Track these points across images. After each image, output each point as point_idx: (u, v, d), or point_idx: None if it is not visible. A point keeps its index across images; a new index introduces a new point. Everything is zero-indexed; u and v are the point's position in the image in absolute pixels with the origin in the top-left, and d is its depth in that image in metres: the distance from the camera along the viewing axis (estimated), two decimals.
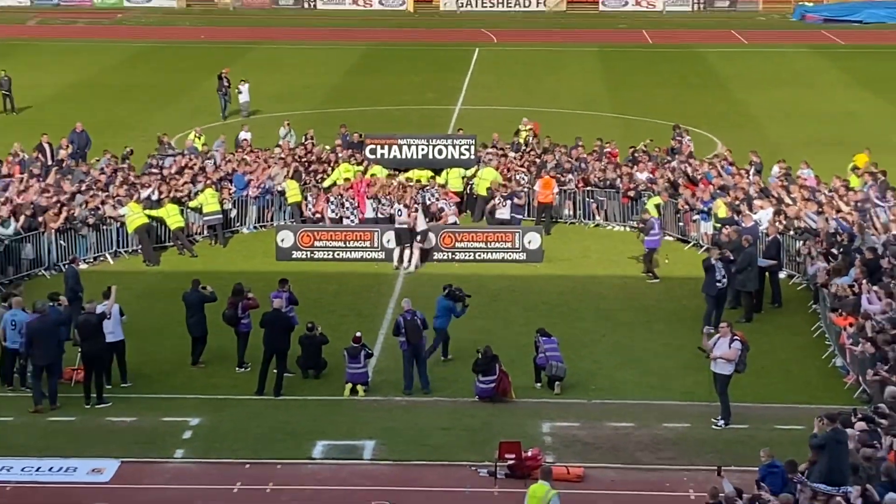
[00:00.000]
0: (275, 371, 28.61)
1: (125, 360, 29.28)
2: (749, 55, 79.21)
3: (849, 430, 22.04)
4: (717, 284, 32.00)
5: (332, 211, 40.27)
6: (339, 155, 44.27)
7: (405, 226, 37.55)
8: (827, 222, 35.29)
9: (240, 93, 57.69)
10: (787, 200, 38.02)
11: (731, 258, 32.62)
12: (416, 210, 37.89)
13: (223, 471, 24.98)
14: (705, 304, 31.88)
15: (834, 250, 33.17)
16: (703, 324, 29.74)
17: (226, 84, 57.61)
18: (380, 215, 39.49)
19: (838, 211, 36.21)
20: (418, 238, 37.39)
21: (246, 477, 24.63)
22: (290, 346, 28.83)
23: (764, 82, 68.89)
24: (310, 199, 41.13)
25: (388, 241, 38.13)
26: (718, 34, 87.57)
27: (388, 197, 39.51)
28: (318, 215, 40.46)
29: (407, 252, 37.57)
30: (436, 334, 30.41)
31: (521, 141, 48.29)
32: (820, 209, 36.65)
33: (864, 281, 30.12)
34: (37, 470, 24.94)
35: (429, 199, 39.89)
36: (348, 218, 39.97)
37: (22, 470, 24.91)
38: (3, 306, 29.23)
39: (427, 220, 38.26)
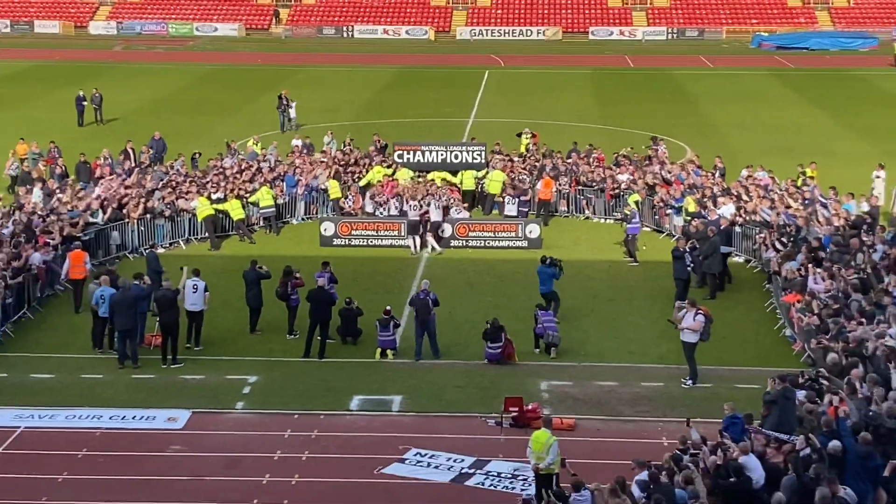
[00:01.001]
0: (318, 338, 28.70)
1: (202, 329, 29.50)
2: (714, 76, 79.09)
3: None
4: (687, 269, 32.16)
5: (370, 205, 40.37)
6: (373, 159, 44.34)
7: (416, 219, 37.91)
8: (778, 216, 35.32)
9: (292, 108, 57.61)
10: (746, 198, 38.02)
11: (697, 246, 32.69)
12: (430, 206, 38.17)
13: (276, 420, 25.07)
14: (676, 286, 31.86)
15: (784, 239, 33.23)
16: (674, 301, 29.78)
17: (284, 102, 57.59)
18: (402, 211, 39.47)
19: (788, 207, 36.22)
20: (428, 228, 37.73)
21: (295, 425, 24.76)
22: (331, 318, 28.93)
23: (726, 99, 68.81)
24: (350, 196, 41.11)
25: (414, 232, 38.11)
26: (688, 59, 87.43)
27: (405, 195, 39.60)
28: (356, 210, 40.52)
29: (419, 240, 37.74)
30: (547, 298, 30.92)
31: (523, 148, 48.29)
32: (773, 205, 36.67)
33: (810, 265, 30.12)
34: (122, 418, 25.17)
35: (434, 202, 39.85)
36: (381, 211, 40.10)
37: (110, 418, 25.13)
38: (95, 283, 29.62)
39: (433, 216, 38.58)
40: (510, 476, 22.33)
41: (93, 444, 23.86)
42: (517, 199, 40.73)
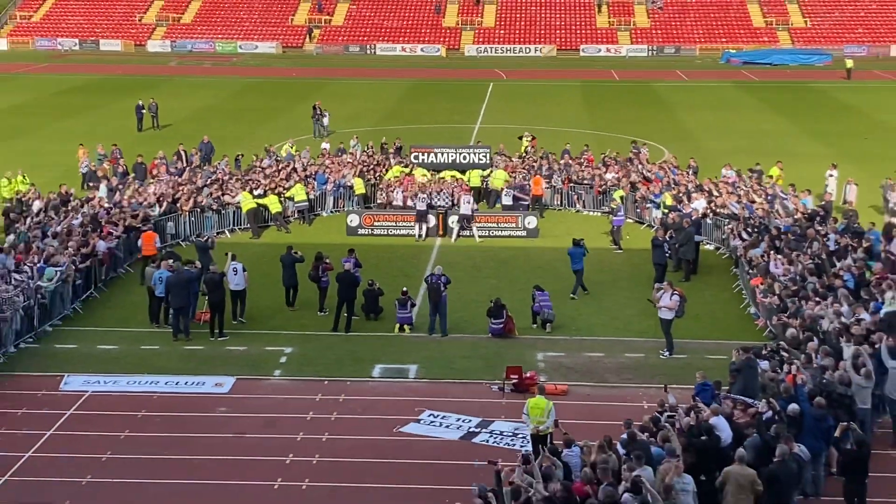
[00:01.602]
0: (345, 315, 28.72)
1: (245, 303, 29.64)
2: (688, 88, 78.89)
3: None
4: (665, 255, 32.21)
5: (398, 199, 40.35)
6: (392, 160, 44.40)
7: (423, 209, 37.98)
8: (744, 209, 35.32)
9: (325, 118, 57.56)
10: (716, 193, 38.00)
11: (673, 236, 32.70)
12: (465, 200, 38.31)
13: (308, 386, 25.13)
14: (655, 270, 31.86)
15: (749, 230, 33.22)
16: (653, 283, 29.79)
17: (318, 112, 57.56)
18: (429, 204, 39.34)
19: (752, 201, 36.21)
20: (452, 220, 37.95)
21: (325, 390, 24.80)
22: (356, 297, 28.92)
23: (699, 107, 68.67)
24: (383, 191, 41.15)
25: (428, 221, 38.22)
26: (666, 73, 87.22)
27: (417, 190, 39.59)
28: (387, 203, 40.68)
29: (425, 227, 37.99)
30: (577, 273, 31.77)
31: (522, 150, 48.31)
32: (739, 200, 36.67)
33: (772, 252, 30.13)
34: (175, 384, 25.23)
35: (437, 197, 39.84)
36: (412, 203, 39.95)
37: (165, 384, 25.19)
38: (153, 266, 29.93)
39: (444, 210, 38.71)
40: (511, 435, 22.37)
41: (150, 406, 23.97)
42: (512, 192, 40.58)
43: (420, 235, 37.89)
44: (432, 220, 38.20)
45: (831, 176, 40.59)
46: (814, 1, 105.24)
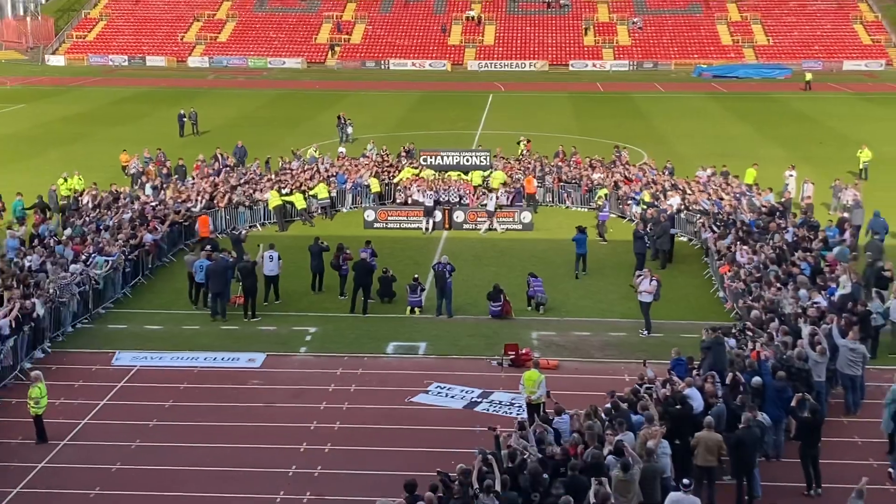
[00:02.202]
0: (362, 298, 28.77)
1: (279, 287, 29.76)
2: (665, 98, 78.78)
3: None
4: (645, 246, 32.21)
5: (415, 196, 40.08)
6: (403, 162, 44.41)
7: (430, 205, 38.08)
8: (713, 206, 35.30)
9: (349, 126, 57.32)
10: (689, 191, 37.98)
11: (652, 229, 32.73)
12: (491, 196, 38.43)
13: (330, 361, 25.20)
14: (636, 259, 31.85)
15: (718, 223, 33.20)
16: (634, 270, 29.78)
17: (343, 121, 57.34)
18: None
19: (721, 199, 36.16)
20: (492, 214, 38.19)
21: (344, 365, 24.85)
22: (371, 283, 29.00)
23: (674, 116, 68.56)
24: (401, 191, 40.88)
25: (435, 216, 38.20)
26: (645, 85, 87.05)
27: (423, 188, 39.45)
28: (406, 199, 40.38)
29: (431, 222, 37.94)
30: (581, 257, 32.49)
31: (518, 153, 48.27)
32: (709, 197, 36.64)
33: (738, 243, 30.12)
34: (213, 359, 25.30)
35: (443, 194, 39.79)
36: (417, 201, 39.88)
37: (204, 359, 25.26)
38: (192, 255, 30.17)
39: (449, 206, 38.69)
40: (509, 404, 22.40)
41: (191, 379, 24.06)
42: (507, 193, 40.31)
43: (427, 229, 37.83)
44: (438, 215, 38.18)
45: (791, 176, 40.54)
46: (776, 22, 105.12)
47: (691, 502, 15.86)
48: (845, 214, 34.65)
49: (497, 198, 38.91)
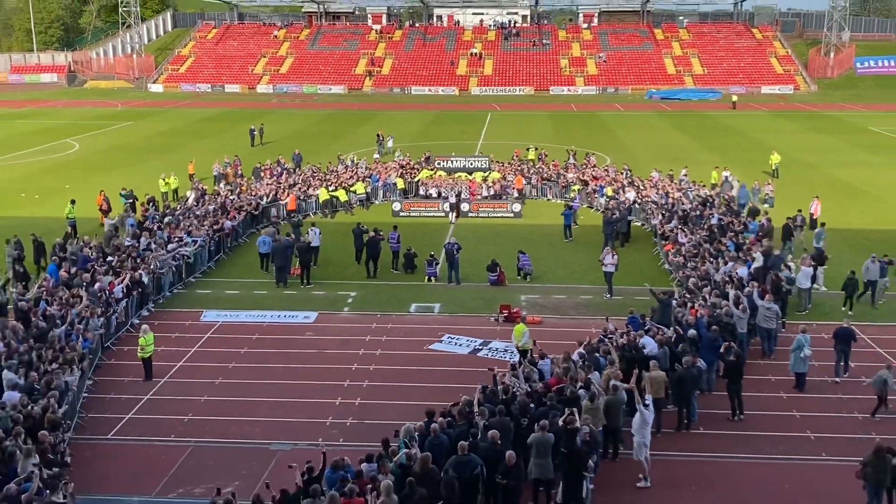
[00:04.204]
0: (373, 266, 29.07)
1: (318, 255, 30.00)
2: (624, 116, 78.41)
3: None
4: (612, 228, 32.09)
5: (430, 192, 40.18)
6: (423, 165, 44.32)
7: (453, 201, 37.79)
8: (661, 198, 35.19)
9: (390, 140, 56.44)
10: (642, 187, 37.89)
11: (614, 216, 32.56)
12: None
13: (366, 318, 25.24)
14: (603, 239, 31.75)
15: (664, 212, 33.07)
16: (602, 248, 29.67)
17: (381, 138, 56.46)
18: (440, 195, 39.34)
19: (667, 193, 36.04)
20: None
21: (377, 321, 24.91)
22: (380, 255, 29.30)
23: (631, 129, 68.21)
24: (422, 188, 40.90)
25: (447, 207, 38.09)
26: (608, 105, 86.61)
27: (438, 185, 39.47)
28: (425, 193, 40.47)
29: (455, 214, 37.64)
30: (568, 228, 33.85)
31: (531, 155, 48.03)
32: (658, 192, 36.52)
33: (680, 226, 30.04)
34: (278, 317, 25.38)
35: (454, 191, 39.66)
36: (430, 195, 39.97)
37: (270, 317, 25.35)
38: (264, 234, 30.42)
39: (457, 199, 38.33)
40: (503, 350, 22.44)
41: (261, 331, 24.15)
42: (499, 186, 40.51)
43: (451, 218, 37.45)
44: (465, 206, 38.06)
45: (733, 178, 39.97)
46: (709, 56, 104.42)
47: (650, 415, 16.18)
48: (764, 206, 34.48)
49: (490, 188, 39.03)
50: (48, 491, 13.71)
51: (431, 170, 42.91)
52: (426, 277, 28.91)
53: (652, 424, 16.65)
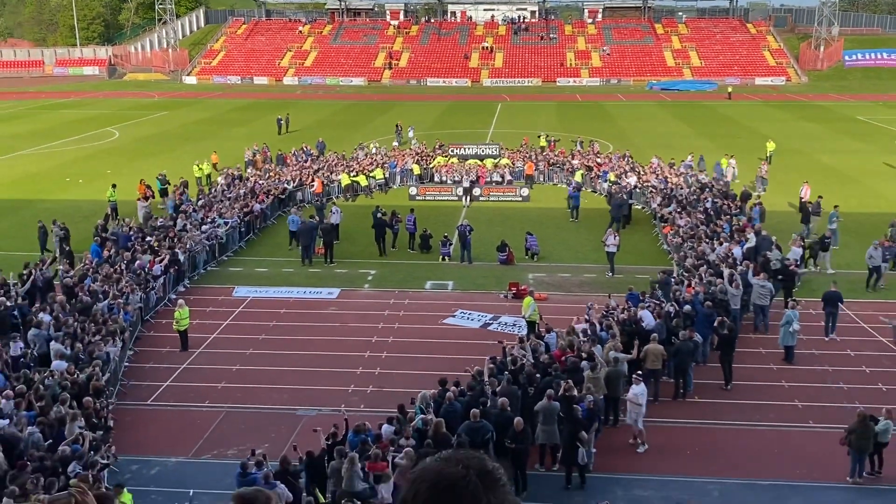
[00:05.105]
0: (380, 245, 29.07)
1: (339, 232, 29.83)
2: (626, 105, 77.71)
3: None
4: (618, 209, 31.90)
5: (443, 177, 39.94)
6: (437, 152, 44.15)
7: (468, 185, 37.48)
8: (660, 183, 34.92)
9: (410, 130, 55.66)
10: (643, 173, 37.60)
11: (617, 199, 32.35)
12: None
13: (386, 294, 25.28)
14: (608, 221, 31.54)
15: (662, 196, 32.84)
16: (605, 229, 29.53)
17: (399, 129, 55.80)
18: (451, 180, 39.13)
19: (666, 178, 35.77)
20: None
21: (395, 297, 24.95)
22: (386, 234, 29.25)
23: (633, 118, 67.58)
24: (436, 173, 40.65)
25: (459, 191, 37.91)
26: (611, 96, 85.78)
27: (451, 171, 39.28)
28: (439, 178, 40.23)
29: (469, 198, 37.35)
30: (575, 208, 33.61)
31: (542, 142, 47.39)
32: (658, 177, 36.24)
33: (678, 209, 29.84)
34: (304, 292, 25.48)
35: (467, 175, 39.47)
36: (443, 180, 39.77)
37: (296, 293, 25.48)
38: (293, 213, 30.56)
39: (469, 184, 38.04)
40: (512, 324, 22.46)
41: (288, 306, 24.22)
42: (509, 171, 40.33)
43: (466, 202, 37.18)
44: (477, 191, 37.79)
45: (729, 163, 39.38)
46: (706, 49, 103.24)
47: (642, 390, 16.07)
48: (760, 191, 34.11)
49: (502, 175, 38.80)
50: (93, 452, 13.87)
51: (445, 156, 42.75)
52: (440, 257, 28.87)
53: (650, 394, 16.68)
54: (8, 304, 20.58)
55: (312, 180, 37.48)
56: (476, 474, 1.78)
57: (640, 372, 16.44)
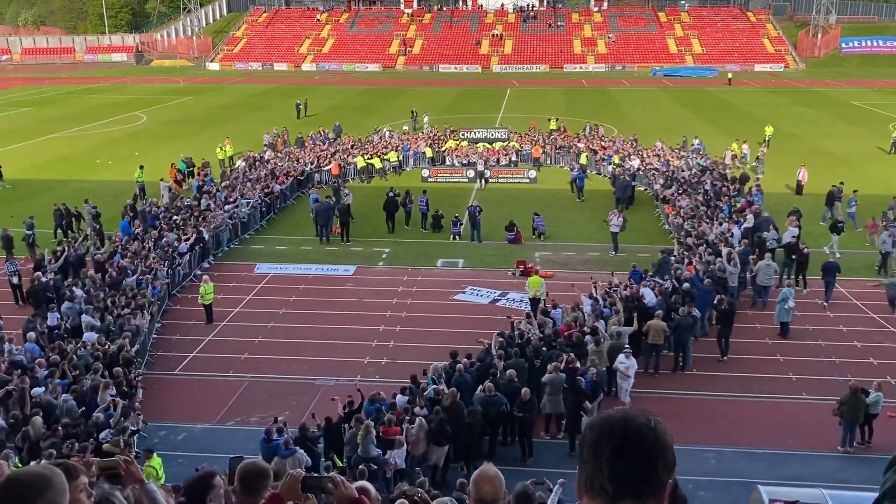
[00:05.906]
0: (389, 223, 29.02)
1: (351, 212, 29.37)
2: (630, 91, 76.91)
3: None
4: (624, 191, 31.79)
5: (455, 160, 39.72)
6: (448, 135, 43.90)
7: (480, 168, 37.31)
8: (662, 166, 34.66)
9: (425, 116, 54.80)
10: (646, 155, 37.28)
11: (622, 181, 32.13)
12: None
13: (400, 272, 25.24)
14: (613, 202, 31.36)
15: (665, 178, 32.58)
16: (610, 210, 29.40)
17: (414, 115, 55.13)
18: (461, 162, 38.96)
19: (668, 161, 35.48)
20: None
21: (408, 273, 24.92)
22: (395, 212, 29.33)
23: (636, 103, 66.94)
24: (447, 158, 40.46)
25: (470, 174, 37.73)
26: (616, 82, 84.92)
27: (461, 154, 39.05)
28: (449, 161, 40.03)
29: (479, 179, 37.07)
30: (580, 189, 33.59)
31: (553, 125, 46.72)
32: (660, 160, 35.95)
33: (679, 192, 29.60)
34: (322, 269, 25.48)
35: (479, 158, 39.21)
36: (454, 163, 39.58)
37: (315, 269, 25.51)
38: (307, 194, 30.18)
39: (484, 166, 37.80)
40: (519, 300, 22.42)
41: (307, 282, 24.28)
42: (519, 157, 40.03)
43: (480, 184, 36.76)
44: (487, 173, 37.55)
45: (741, 148, 38.82)
46: (708, 37, 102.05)
47: (633, 363, 16.21)
48: (759, 175, 33.78)
49: (507, 156, 38.66)
50: (123, 418, 13.99)
51: (456, 140, 42.53)
52: (451, 236, 28.81)
53: (651, 366, 16.67)
54: (43, 279, 20.74)
55: (329, 162, 37.42)
56: (656, 423, 1.96)
57: (628, 347, 16.41)
